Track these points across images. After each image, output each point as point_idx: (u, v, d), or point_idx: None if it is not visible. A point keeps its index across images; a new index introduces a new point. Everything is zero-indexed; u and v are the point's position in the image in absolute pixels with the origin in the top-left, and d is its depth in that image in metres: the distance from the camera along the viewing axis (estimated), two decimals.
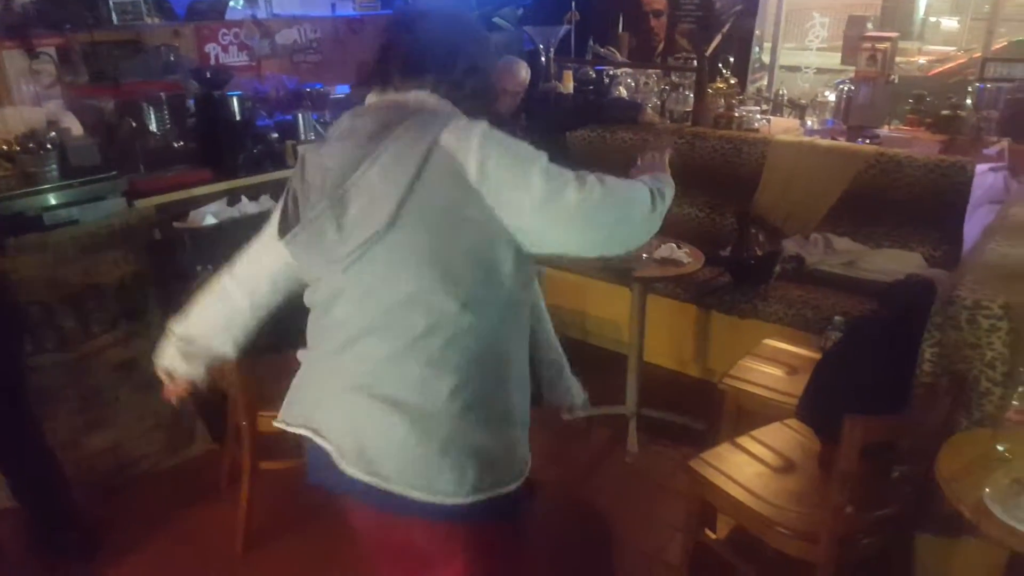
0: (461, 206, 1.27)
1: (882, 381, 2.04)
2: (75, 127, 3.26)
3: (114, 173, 3.08)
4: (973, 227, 3.05)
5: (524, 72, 3.85)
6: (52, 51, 3.40)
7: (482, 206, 1.27)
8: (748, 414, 2.56)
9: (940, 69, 4.90)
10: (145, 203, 3.12)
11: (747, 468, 2.15)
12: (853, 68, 4.46)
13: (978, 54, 4.35)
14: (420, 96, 1.37)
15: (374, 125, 1.33)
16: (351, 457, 1.34)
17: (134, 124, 3.42)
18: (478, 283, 1.31)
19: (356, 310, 1.35)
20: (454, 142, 1.28)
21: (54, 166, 2.96)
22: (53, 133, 3.09)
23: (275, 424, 1.48)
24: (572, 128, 4.35)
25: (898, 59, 4.67)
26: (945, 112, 3.92)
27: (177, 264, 2.90)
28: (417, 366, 1.31)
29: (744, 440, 2.27)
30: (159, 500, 2.81)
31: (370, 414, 1.34)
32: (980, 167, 3.23)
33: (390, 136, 1.29)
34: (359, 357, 1.35)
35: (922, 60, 6.25)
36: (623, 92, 4.80)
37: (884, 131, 4.06)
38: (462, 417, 1.33)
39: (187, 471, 3.00)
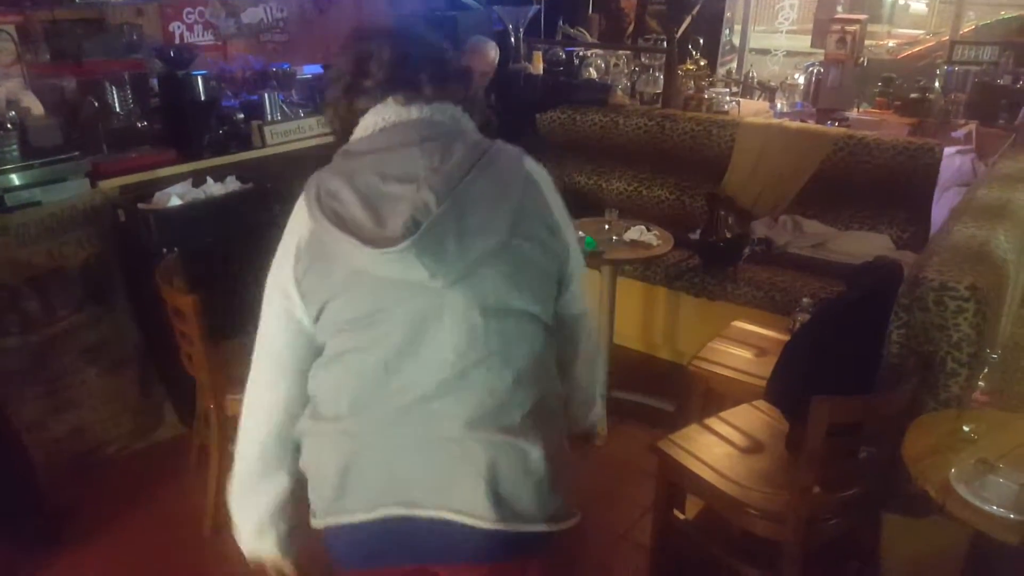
0: (551, 233, 1.31)
1: (849, 362, 2.06)
2: (36, 107, 3.18)
3: (76, 154, 3.02)
4: (940, 210, 3.09)
5: (493, 53, 3.83)
6: (11, 29, 3.30)
7: (560, 240, 1.33)
8: (717, 396, 2.58)
9: (909, 52, 4.95)
10: (109, 184, 3.06)
11: (716, 449, 2.17)
12: (823, 51, 4.49)
13: (946, 37, 4.39)
14: (455, 113, 1.32)
15: (436, 139, 1.25)
16: (483, 509, 1.23)
17: (96, 104, 3.35)
18: (550, 306, 1.35)
19: (455, 336, 1.22)
20: (537, 172, 1.34)
21: (15, 146, 2.89)
22: (13, 113, 3.02)
23: (339, 523, 1.31)
24: (542, 110, 4.34)
25: (867, 42, 4.71)
26: (914, 95, 3.98)
27: (142, 246, 2.85)
28: (532, 387, 1.28)
29: (712, 421, 2.29)
30: (127, 483, 2.77)
31: (498, 451, 1.24)
32: (948, 150, 3.27)
33: (475, 149, 1.26)
34: (471, 389, 1.24)
35: (891, 43, 6.31)
36: (593, 73, 4.79)
37: (853, 114, 4.11)
38: (560, 434, 1.34)
39: (155, 454, 2.97)
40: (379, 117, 1.29)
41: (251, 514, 1.40)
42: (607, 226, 3.10)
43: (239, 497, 1.41)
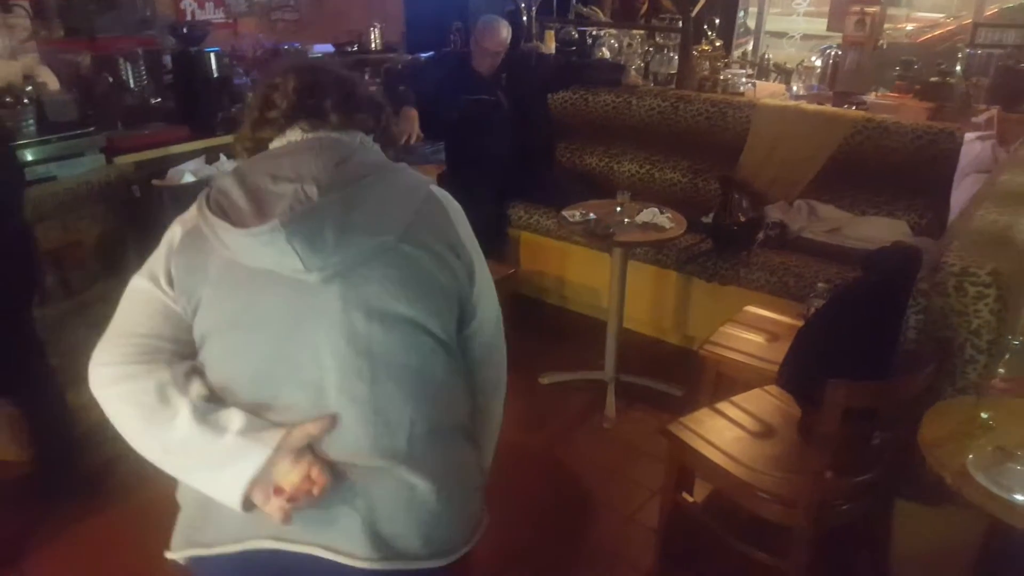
0: (450, 250, 1.26)
1: (864, 349, 2.04)
2: (52, 82, 3.19)
3: (92, 129, 3.02)
4: (959, 196, 3.05)
5: (505, 31, 3.80)
6: (26, 4, 3.30)
7: (463, 262, 1.28)
8: (728, 380, 2.57)
9: (930, 35, 4.88)
10: (123, 160, 3.07)
11: (726, 433, 2.16)
12: (840, 34, 4.43)
13: (968, 21, 4.32)
14: (364, 140, 1.30)
15: (335, 149, 1.23)
16: (359, 547, 1.15)
17: (111, 80, 3.35)
18: (449, 324, 1.27)
19: (331, 340, 1.13)
20: (443, 195, 1.31)
21: (31, 121, 2.90)
22: (30, 87, 3.02)
23: (198, 555, 1.18)
24: (553, 90, 4.30)
25: (886, 25, 4.64)
26: (934, 79, 3.92)
27: (156, 222, 2.85)
28: (424, 408, 1.20)
29: (723, 405, 2.28)
30: (134, 458, 2.79)
31: (379, 483, 1.16)
32: (968, 135, 3.22)
33: (377, 162, 1.25)
34: (352, 405, 1.14)
35: (909, 27, 6.22)
36: (606, 53, 4.75)
37: (871, 98, 4.04)
38: (460, 463, 1.27)
39: None
40: (283, 140, 1.28)
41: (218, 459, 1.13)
42: (619, 208, 3.08)
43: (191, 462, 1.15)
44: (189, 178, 2.93)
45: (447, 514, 1.22)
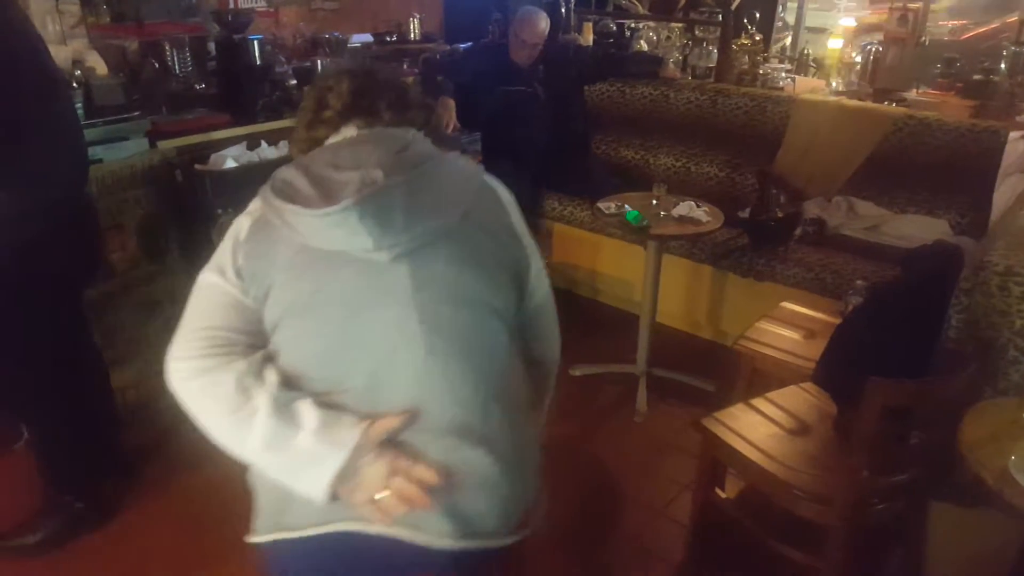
0: (508, 233, 1.33)
1: (903, 348, 2.02)
2: (100, 66, 3.24)
3: (138, 113, 3.06)
4: (1001, 196, 3.00)
5: (543, 23, 3.80)
6: None
7: (520, 247, 1.35)
8: (762, 376, 2.56)
9: (976, 32, 4.78)
10: (167, 145, 3.11)
11: (761, 429, 2.15)
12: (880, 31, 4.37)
13: (1014, 18, 4.24)
14: (416, 134, 1.32)
15: (392, 139, 1.27)
16: (440, 527, 1.16)
17: (157, 65, 3.40)
18: (510, 303, 1.30)
19: (403, 319, 1.16)
20: (495, 184, 1.36)
21: (80, 105, 2.94)
22: (78, 72, 3.07)
23: (284, 538, 1.21)
24: (591, 82, 4.30)
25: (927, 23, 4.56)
26: (977, 76, 3.85)
27: (198, 206, 2.90)
28: (495, 385, 1.22)
29: (758, 401, 2.28)
30: (178, 436, 2.83)
31: (458, 462, 1.17)
32: (1012, 134, 3.17)
33: (432, 151, 1.28)
34: (428, 384, 1.17)
35: (950, 24, 6.10)
36: (644, 46, 4.74)
37: (912, 95, 3.99)
38: (525, 437, 1.29)
39: None
40: (338, 138, 1.33)
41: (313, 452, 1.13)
42: (655, 201, 3.08)
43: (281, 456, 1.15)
44: (231, 164, 2.97)
45: (519, 490, 1.25)
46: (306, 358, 1.18)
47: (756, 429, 2.15)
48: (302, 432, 1.11)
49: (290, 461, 1.13)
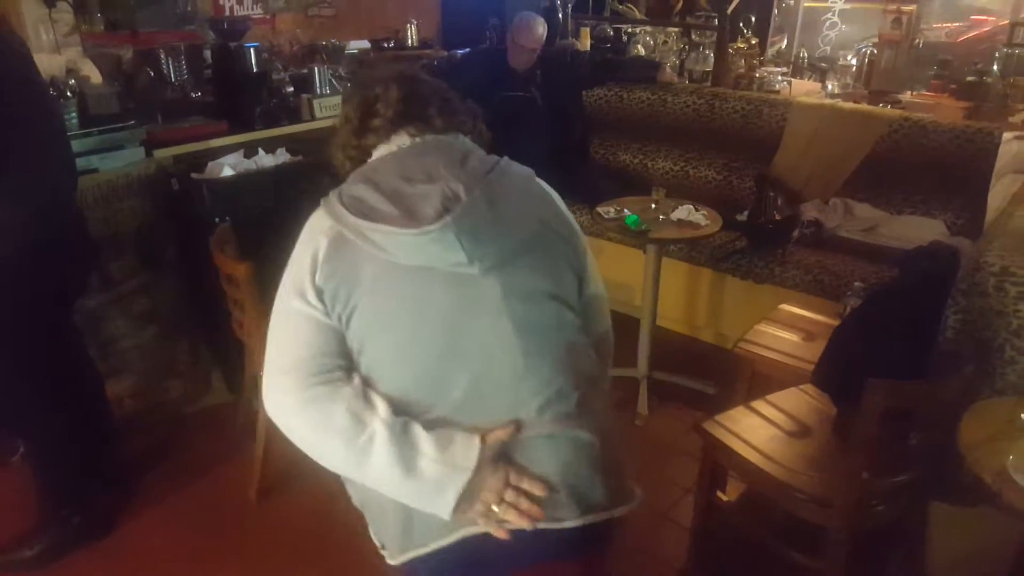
0: (569, 231, 1.39)
1: (901, 349, 2.02)
2: (94, 75, 3.24)
3: (133, 122, 3.06)
4: (996, 196, 3.01)
5: (541, 28, 3.81)
6: None
7: (578, 245, 1.40)
8: (762, 379, 2.56)
9: (973, 34, 4.79)
10: (163, 153, 3.11)
11: (761, 431, 2.15)
12: (875, 34, 4.39)
13: (1006, 21, 4.26)
14: (465, 140, 1.37)
15: (452, 148, 1.32)
16: (562, 508, 1.22)
17: (152, 74, 3.40)
18: (576, 295, 1.36)
19: (498, 327, 1.20)
20: (547, 187, 1.42)
21: (74, 114, 2.94)
22: (72, 81, 3.06)
23: (417, 555, 1.25)
24: (588, 87, 4.31)
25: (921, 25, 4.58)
26: (970, 78, 3.87)
27: (195, 215, 2.89)
28: (579, 374, 1.28)
29: (758, 404, 2.28)
30: (175, 447, 2.85)
31: (563, 445, 1.24)
32: (1005, 135, 3.18)
33: (489, 158, 1.32)
34: (526, 380, 1.21)
35: (942, 27, 6.12)
36: (641, 50, 4.74)
37: (906, 96, 4.00)
38: (609, 417, 1.35)
39: (203, 419, 3.03)
40: (392, 146, 1.34)
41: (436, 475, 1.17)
42: (654, 205, 3.08)
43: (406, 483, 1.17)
44: (228, 172, 2.96)
45: (618, 463, 1.32)
46: (403, 376, 1.21)
47: (756, 432, 2.15)
48: (422, 457, 1.15)
49: (414, 485, 1.16)
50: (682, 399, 3.16)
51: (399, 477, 1.15)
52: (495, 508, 1.17)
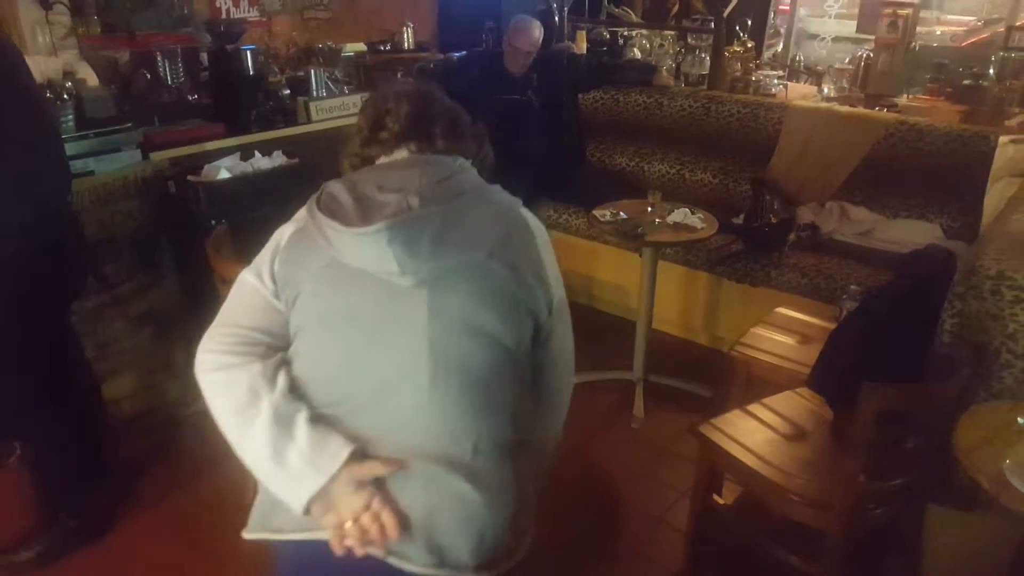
0: (534, 275, 1.32)
1: (897, 352, 2.03)
2: (91, 78, 3.23)
3: (129, 125, 3.06)
4: (992, 200, 3.01)
5: (537, 31, 3.81)
6: (66, 0, 3.35)
7: (543, 289, 1.33)
8: (758, 382, 2.56)
9: (975, 39, 4.79)
10: (160, 156, 3.11)
11: (757, 434, 2.15)
12: (872, 36, 4.38)
13: (1003, 28, 4.26)
14: (464, 163, 1.38)
15: (439, 166, 1.33)
16: (413, 552, 1.19)
17: (148, 76, 3.39)
18: (525, 342, 1.32)
19: (413, 344, 1.20)
20: (533, 222, 1.38)
21: (71, 117, 2.94)
22: (69, 84, 3.06)
23: (268, 538, 1.27)
24: (584, 90, 4.31)
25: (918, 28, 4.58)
26: (966, 82, 3.87)
27: (191, 217, 2.89)
28: (491, 420, 1.25)
29: (754, 407, 2.28)
30: (173, 448, 2.84)
31: (440, 494, 1.20)
32: (1002, 139, 3.19)
33: (476, 182, 1.34)
34: (425, 409, 1.20)
35: (939, 30, 6.13)
36: (637, 53, 4.75)
37: (903, 100, 4.01)
38: (516, 476, 1.30)
39: (201, 421, 3.00)
40: (391, 158, 1.38)
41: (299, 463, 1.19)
42: (650, 208, 3.08)
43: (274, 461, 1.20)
44: (224, 174, 2.96)
45: (498, 527, 1.25)
46: (318, 368, 1.24)
47: (752, 435, 2.15)
48: (294, 447, 1.17)
49: (277, 470, 1.18)
50: (678, 402, 3.16)
51: (268, 458, 1.18)
52: (348, 525, 1.17)
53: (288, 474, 1.17)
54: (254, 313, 1.28)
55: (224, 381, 1.23)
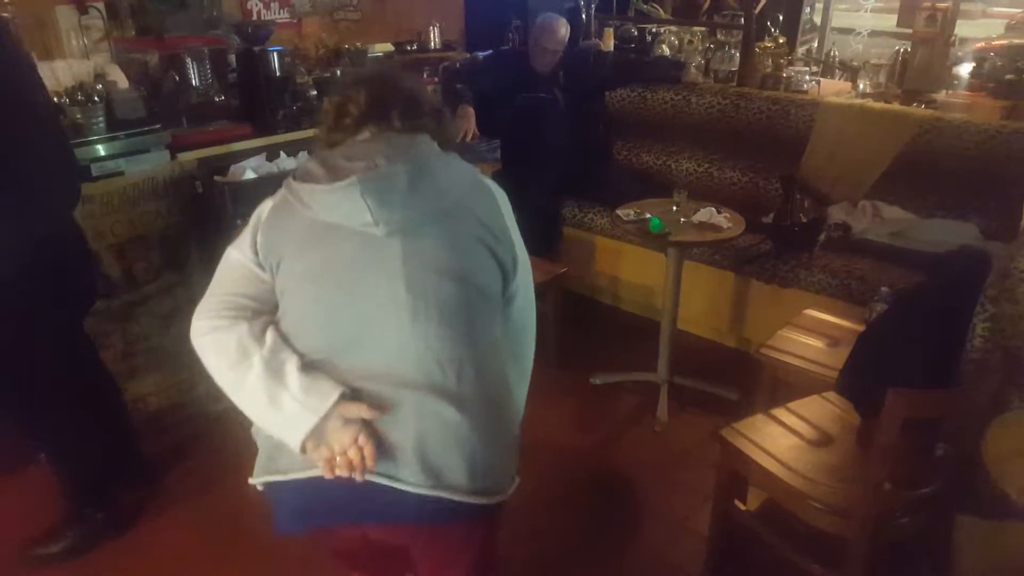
0: (497, 230, 1.44)
1: (927, 356, 1.97)
2: (121, 80, 3.29)
3: (158, 126, 3.10)
4: None
5: (563, 29, 3.79)
6: (101, 6, 3.42)
7: (506, 246, 1.46)
8: (785, 385, 2.52)
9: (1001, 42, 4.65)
10: (187, 156, 3.15)
11: (782, 440, 2.11)
12: (910, 31, 4.28)
13: None
14: (424, 137, 1.46)
15: (401, 140, 1.43)
16: (410, 474, 1.28)
17: (177, 78, 3.44)
18: (495, 285, 1.44)
19: (393, 285, 1.30)
20: (491, 184, 1.49)
21: (101, 118, 2.99)
22: (100, 86, 3.12)
23: (274, 480, 1.36)
24: (611, 87, 4.28)
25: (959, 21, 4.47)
26: (1009, 76, 3.75)
27: (217, 217, 2.92)
28: (473, 353, 1.34)
29: (779, 412, 2.24)
30: (200, 445, 2.88)
31: (429, 418, 1.29)
32: None
33: (433, 148, 1.44)
34: (409, 340, 1.30)
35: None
36: (666, 51, 4.69)
37: (941, 96, 3.90)
38: (503, 410, 1.41)
39: (228, 418, 3.03)
40: (354, 139, 1.47)
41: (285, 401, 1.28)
42: (675, 207, 3.04)
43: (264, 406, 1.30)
44: (250, 175, 2.98)
45: (490, 455, 1.34)
46: (305, 319, 1.34)
47: (776, 440, 2.11)
48: (286, 392, 1.27)
49: (274, 415, 1.29)
50: (703, 405, 3.12)
51: (264, 405, 1.28)
52: (338, 458, 1.26)
53: (284, 418, 1.27)
54: (238, 282, 1.39)
55: (215, 341, 1.33)
